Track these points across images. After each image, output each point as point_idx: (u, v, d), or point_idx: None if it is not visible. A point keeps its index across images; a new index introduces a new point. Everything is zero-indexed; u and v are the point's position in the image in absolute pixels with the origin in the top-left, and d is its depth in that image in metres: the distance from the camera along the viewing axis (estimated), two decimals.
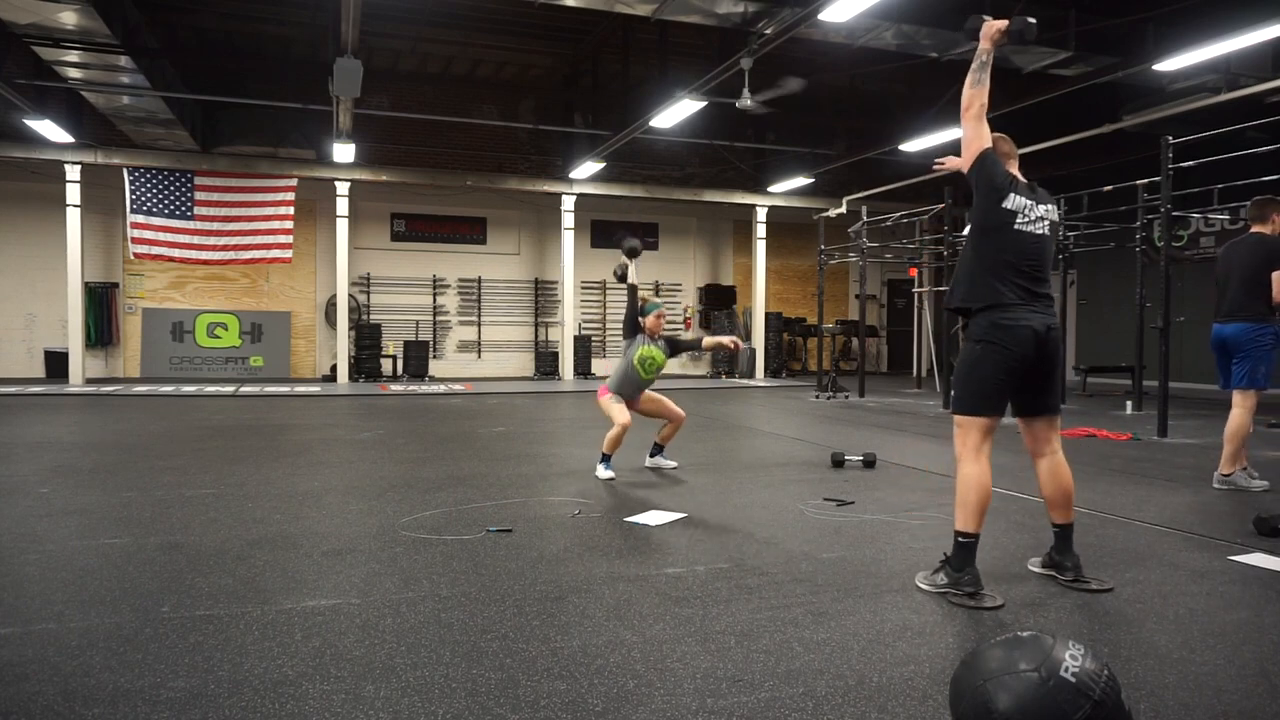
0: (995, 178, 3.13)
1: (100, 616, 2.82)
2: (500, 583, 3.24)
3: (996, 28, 3.16)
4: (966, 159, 3.21)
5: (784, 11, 8.32)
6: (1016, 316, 3.09)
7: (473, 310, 16.13)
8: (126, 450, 6.57)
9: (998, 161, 3.17)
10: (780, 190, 15.91)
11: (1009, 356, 3.09)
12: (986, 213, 3.15)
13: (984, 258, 3.16)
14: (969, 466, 3.12)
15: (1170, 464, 6.23)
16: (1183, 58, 8.42)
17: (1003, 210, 3.11)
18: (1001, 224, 3.11)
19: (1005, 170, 3.17)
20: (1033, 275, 3.13)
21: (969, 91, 3.17)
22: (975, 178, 3.18)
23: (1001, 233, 3.12)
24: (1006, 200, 3.11)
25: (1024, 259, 3.12)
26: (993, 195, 3.12)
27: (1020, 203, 3.12)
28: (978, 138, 3.17)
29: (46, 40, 9.22)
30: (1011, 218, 3.11)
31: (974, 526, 3.07)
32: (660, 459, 5.85)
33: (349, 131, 11.49)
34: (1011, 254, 3.12)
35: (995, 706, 1.77)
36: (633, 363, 5.49)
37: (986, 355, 3.12)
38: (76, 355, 12.81)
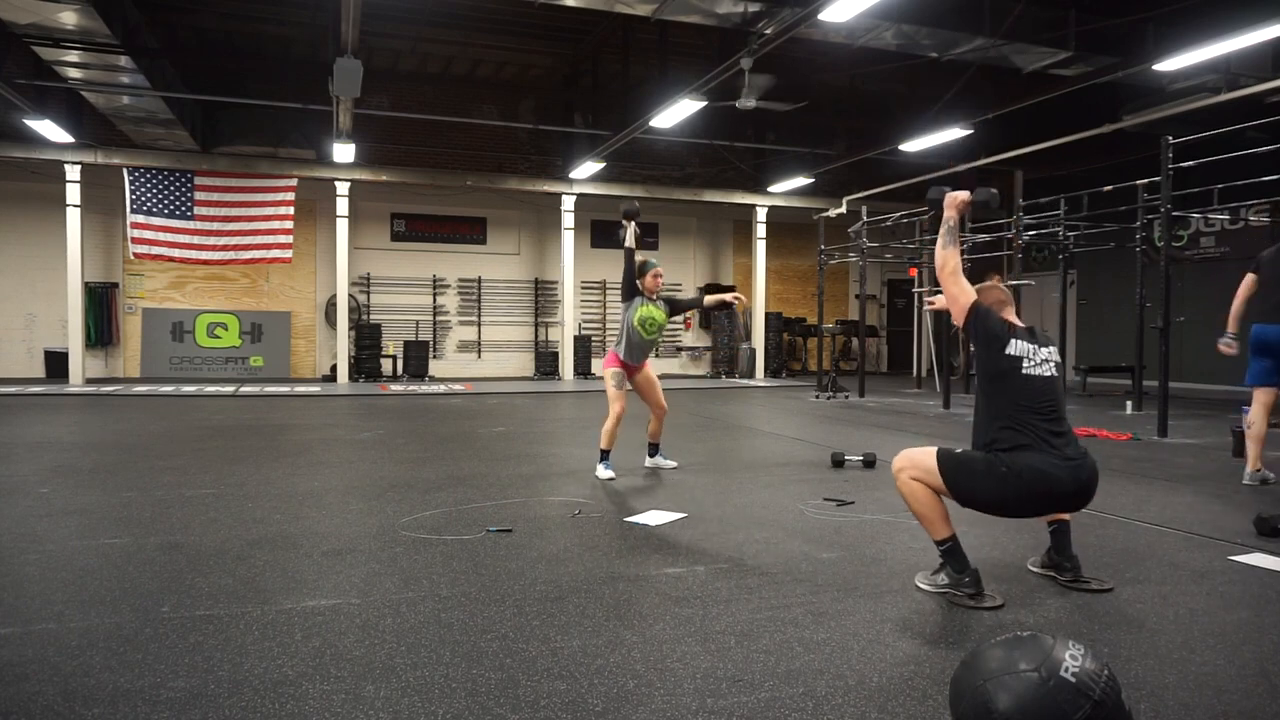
0: (992, 327, 3.12)
1: (100, 616, 2.82)
2: (500, 583, 3.24)
3: (961, 199, 3.28)
4: (958, 316, 3.22)
5: (784, 11, 8.31)
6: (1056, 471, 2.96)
7: (473, 310, 16.12)
8: (126, 450, 6.57)
9: (990, 311, 3.16)
10: (780, 190, 15.91)
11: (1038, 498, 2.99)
12: (991, 361, 3.12)
13: (998, 405, 3.09)
14: (905, 485, 3.13)
15: (1170, 464, 6.23)
16: (1183, 58, 8.41)
17: (1007, 357, 3.08)
18: (1009, 370, 3.07)
19: (1000, 318, 3.15)
20: (1050, 417, 3.05)
21: (941, 254, 3.23)
22: (972, 330, 3.17)
23: (1011, 378, 3.07)
24: (1009, 347, 3.08)
25: (1038, 402, 3.05)
26: (994, 345, 3.10)
27: (1023, 348, 3.08)
28: (962, 293, 3.19)
29: (46, 40, 9.22)
30: (1018, 363, 3.07)
31: (945, 531, 3.08)
32: (660, 459, 5.85)
33: (349, 131, 11.49)
34: (1025, 398, 3.05)
35: (995, 706, 1.77)
36: (633, 323, 5.50)
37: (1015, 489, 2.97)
38: (76, 355, 12.81)
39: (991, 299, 3.22)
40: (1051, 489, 2.95)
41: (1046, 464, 2.95)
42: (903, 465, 3.17)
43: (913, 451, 3.20)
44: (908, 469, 3.14)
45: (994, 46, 9.29)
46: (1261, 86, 9.13)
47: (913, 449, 3.22)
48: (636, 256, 5.57)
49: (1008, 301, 3.25)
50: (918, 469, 3.12)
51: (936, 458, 3.09)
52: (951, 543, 3.08)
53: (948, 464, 3.07)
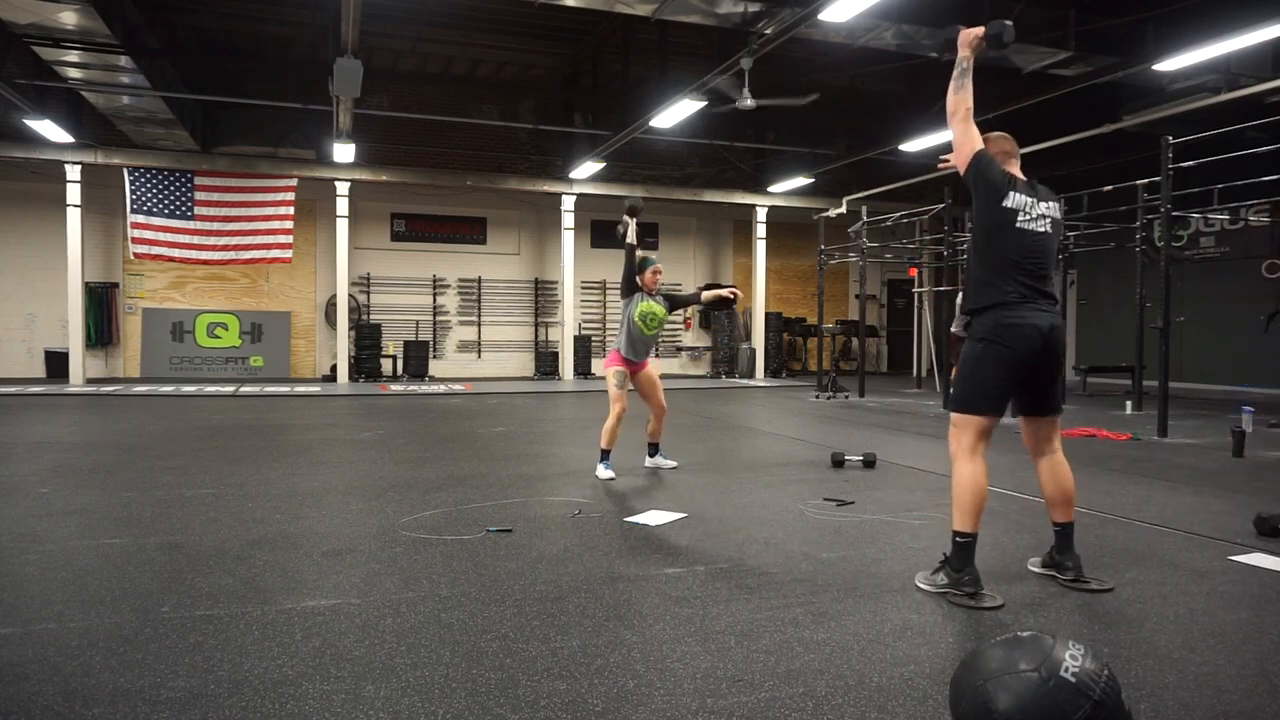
0: (992, 177, 3.13)
1: (100, 616, 2.82)
2: (500, 583, 3.24)
3: (974, 34, 3.21)
4: (960, 162, 3.21)
5: (784, 11, 8.31)
6: (1021, 315, 3.09)
7: (473, 310, 16.12)
8: (126, 450, 6.57)
9: (993, 161, 3.16)
10: (780, 190, 15.91)
11: (1012, 355, 3.09)
12: (986, 213, 3.14)
13: (986, 258, 3.16)
14: (964, 465, 3.12)
15: (1170, 464, 6.23)
16: (1183, 58, 8.42)
17: (1003, 209, 3.10)
18: (1003, 223, 3.11)
19: (1002, 169, 3.16)
20: (1036, 273, 3.12)
21: (953, 97, 3.20)
22: (972, 179, 3.17)
23: (1003, 232, 3.11)
24: (1006, 199, 3.10)
25: (1027, 257, 3.11)
26: (992, 195, 3.12)
27: (1020, 200, 3.11)
28: (968, 140, 3.18)
29: (46, 40, 9.22)
30: (1013, 216, 3.10)
31: (971, 526, 3.07)
32: (660, 459, 5.85)
33: (349, 131, 11.49)
34: (1013, 253, 3.11)
35: (995, 706, 1.77)
36: (634, 319, 5.52)
37: (989, 354, 3.12)
38: (76, 355, 12.81)
39: (997, 149, 3.22)
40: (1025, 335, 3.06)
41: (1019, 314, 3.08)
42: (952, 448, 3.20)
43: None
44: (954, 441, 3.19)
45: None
46: (1261, 86, 9.13)
47: None
48: (636, 253, 5.60)
49: (1013, 154, 3.27)
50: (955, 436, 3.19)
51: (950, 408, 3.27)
52: (969, 540, 3.07)
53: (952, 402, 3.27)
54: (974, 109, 3.23)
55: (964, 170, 3.19)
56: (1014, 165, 3.24)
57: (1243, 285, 12.73)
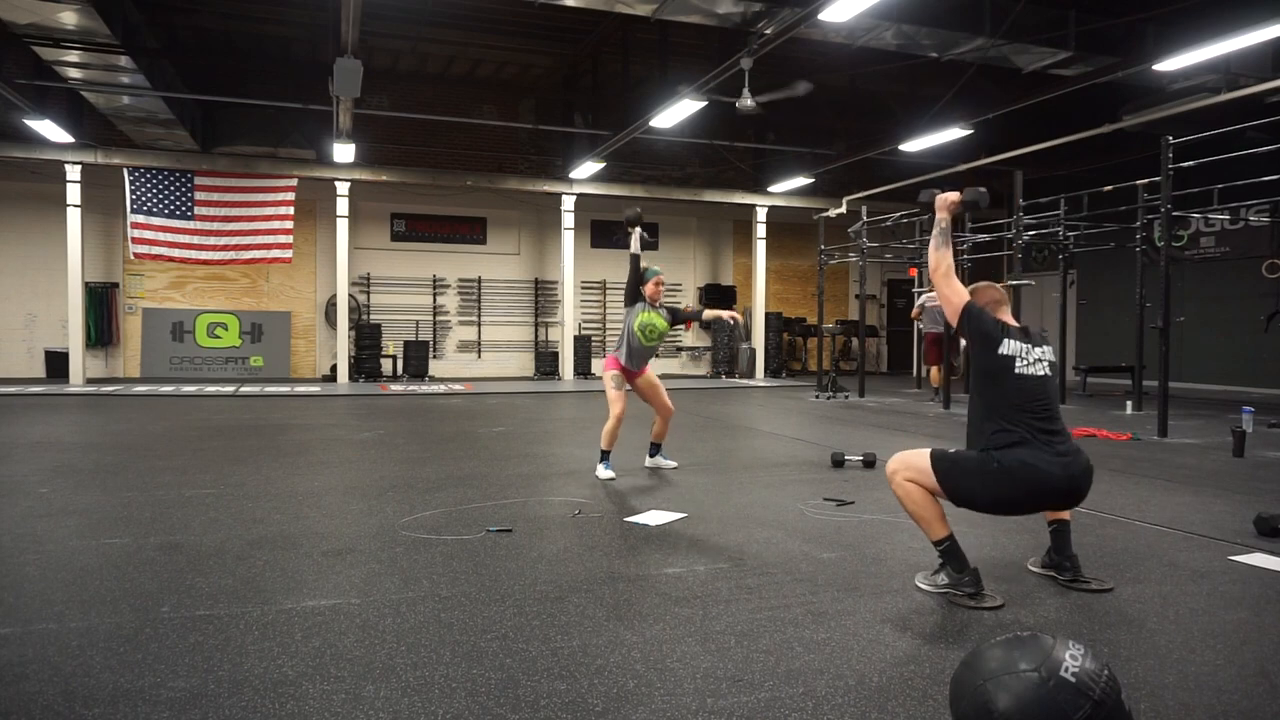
0: (985, 327, 3.14)
1: (100, 616, 2.82)
2: (500, 583, 3.24)
3: (951, 199, 3.33)
4: (951, 316, 3.23)
5: (784, 11, 8.31)
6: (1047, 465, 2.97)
7: (473, 310, 16.12)
8: (126, 450, 6.57)
9: (983, 311, 3.17)
10: (780, 190, 15.90)
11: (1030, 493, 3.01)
12: (985, 359, 3.14)
13: (992, 404, 3.11)
14: (902, 487, 3.14)
15: (1170, 464, 6.23)
16: (1183, 58, 8.41)
17: (1000, 356, 3.09)
18: (1002, 369, 3.09)
19: (994, 318, 3.16)
20: (1044, 415, 3.06)
21: (934, 254, 3.27)
22: (965, 330, 3.19)
23: (1004, 378, 3.09)
24: (1002, 347, 3.10)
25: (1031, 402, 3.06)
26: (987, 343, 3.12)
27: (1016, 347, 3.10)
28: (954, 294, 3.21)
29: (46, 40, 9.22)
30: (1010, 363, 3.08)
31: (942, 532, 3.09)
32: (660, 459, 5.85)
33: (349, 131, 11.48)
34: (1018, 398, 3.06)
35: (995, 706, 1.77)
36: (634, 329, 5.52)
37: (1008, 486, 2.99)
38: (76, 355, 12.80)
39: (986, 299, 3.23)
40: (1043, 484, 2.97)
41: (1038, 459, 2.97)
42: (896, 468, 3.18)
43: (906, 454, 3.21)
44: (901, 470, 3.16)
45: (994, 46, 9.28)
46: (1261, 86, 9.13)
47: (906, 451, 3.23)
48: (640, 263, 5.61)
49: (1003, 301, 3.26)
50: (911, 470, 3.13)
51: (930, 459, 3.11)
52: (949, 543, 3.09)
53: (941, 464, 3.09)
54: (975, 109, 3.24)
55: (956, 323, 3.22)
56: (1005, 313, 3.22)
57: (1243, 285, 12.73)
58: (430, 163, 15.11)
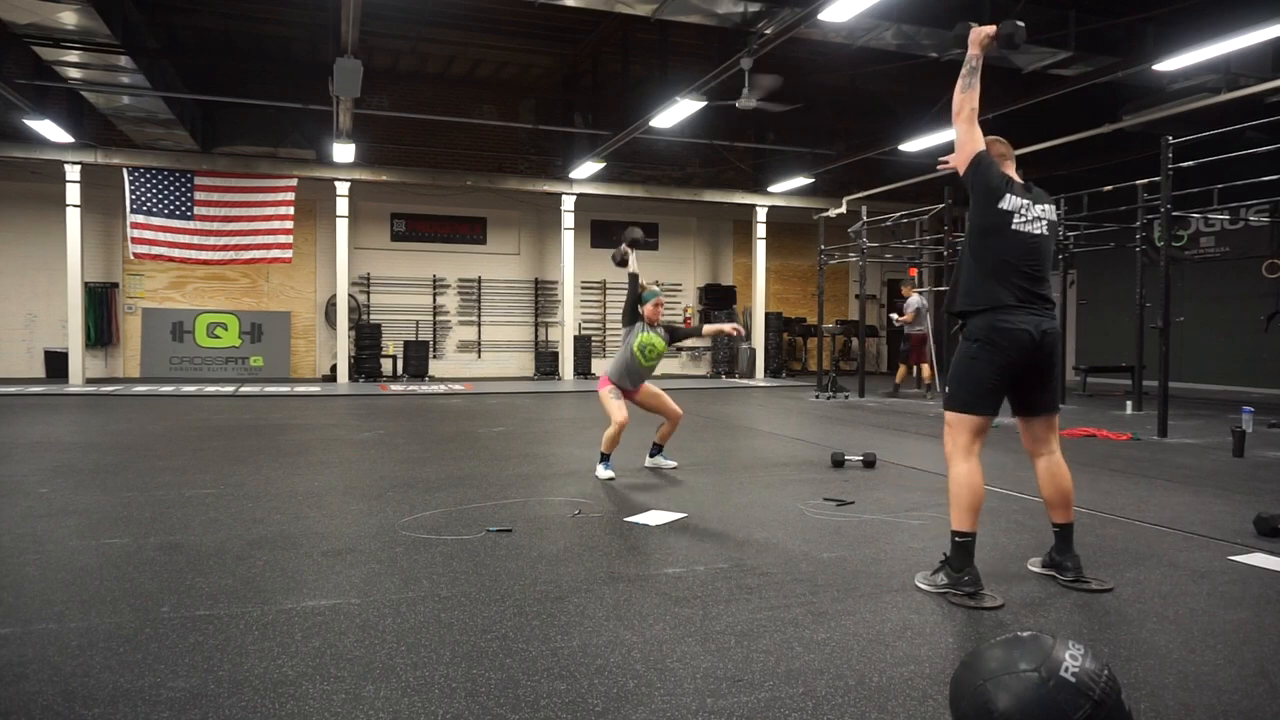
0: (990, 179, 3.14)
1: (100, 616, 2.82)
2: (500, 583, 3.24)
3: (985, 33, 3.20)
4: (961, 162, 3.21)
5: (784, 11, 8.32)
6: (1014, 320, 3.10)
7: (473, 310, 16.12)
8: (126, 450, 6.57)
9: (993, 163, 3.17)
10: (780, 190, 15.91)
11: (1004, 357, 3.10)
12: (983, 214, 3.15)
13: (982, 260, 3.16)
14: (960, 465, 3.14)
15: (1170, 464, 6.23)
16: (1183, 58, 8.41)
17: (999, 211, 3.11)
18: (999, 224, 3.11)
19: (1001, 171, 3.18)
20: (1032, 275, 3.13)
21: (959, 96, 3.19)
22: (970, 180, 3.19)
23: (999, 233, 3.12)
24: (1003, 201, 3.11)
25: (1023, 259, 3.12)
26: (989, 196, 3.13)
27: (1017, 203, 3.12)
28: (970, 140, 3.18)
29: (46, 40, 9.22)
30: (1008, 218, 3.11)
31: (969, 525, 3.08)
32: (660, 459, 5.85)
33: (349, 131, 11.49)
34: (1010, 254, 3.12)
35: (995, 706, 1.77)
36: (633, 350, 5.51)
37: (982, 355, 3.14)
38: (76, 355, 12.80)
39: (994, 152, 3.24)
40: (1016, 339, 3.08)
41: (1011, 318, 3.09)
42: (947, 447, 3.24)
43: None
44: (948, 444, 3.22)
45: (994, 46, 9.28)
46: (1261, 86, 9.13)
47: None
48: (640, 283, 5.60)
49: (1009, 156, 3.29)
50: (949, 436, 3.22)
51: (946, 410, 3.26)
52: (968, 539, 3.08)
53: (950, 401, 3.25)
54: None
55: (963, 170, 3.20)
56: (1010, 167, 3.26)
57: (1243, 285, 12.74)
58: (430, 163, 15.12)
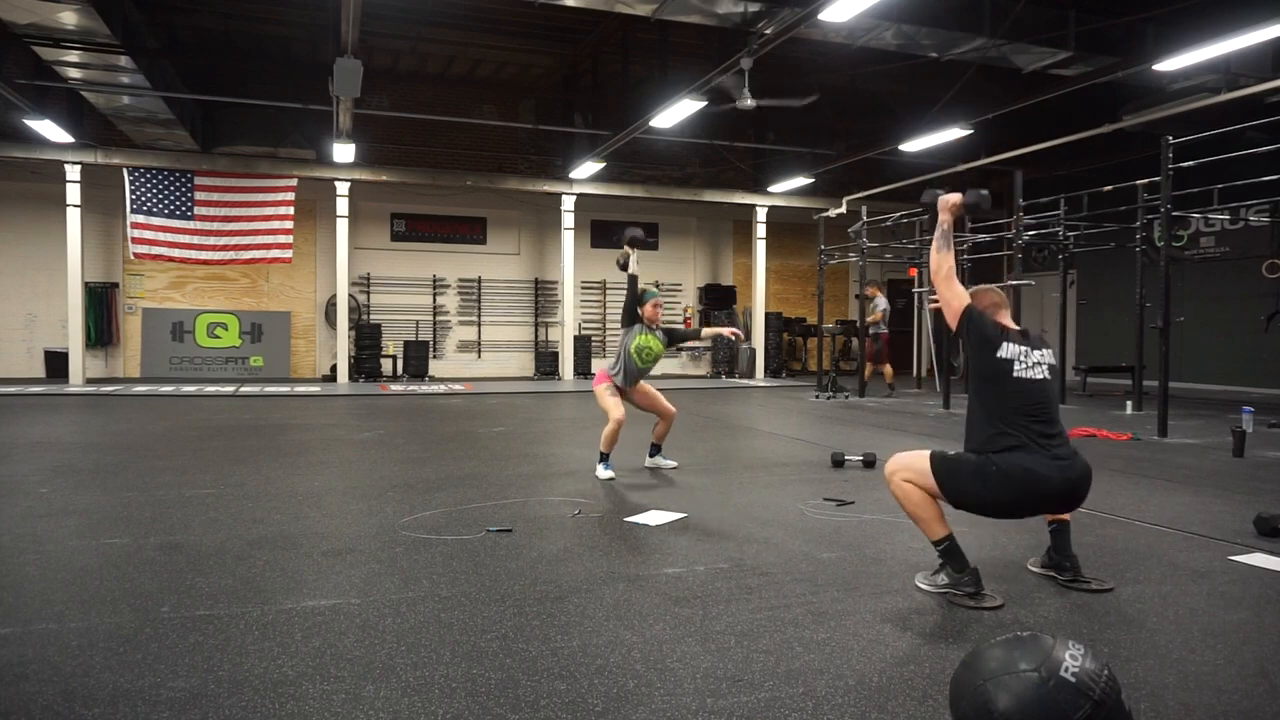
0: (985, 330, 3.14)
1: (100, 616, 2.82)
2: (500, 583, 3.24)
3: (953, 201, 3.32)
4: (951, 319, 3.24)
5: (784, 11, 8.31)
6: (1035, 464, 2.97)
7: (473, 310, 16.12)
8: (126, 450, 6.57)
9: (983, 315, 3.18)
10: (780, 190, 15.90)
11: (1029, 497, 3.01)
12: (983, 363, 3.14)
13: (990, 407, 3.11)
14: (900, 487, 3.14)
15: (1170, 464, 6.23)
16: (1183, 58, 8.41)
17: (999, 359, 3.09)
18: (1000, 372, 3.09)
19: (994, 321, 3.17)
20: (1042, 418, 3.06)
21: (936, 257, 3.27)
22: (965, 335, 3.20)
23: (1002, 381, 3.09)
24: (1001, 350, 3.10)
25: (1030, 403, 3.06)
26: (986, 347, 3.12)
27: (1015, 350, 3.10)
28: (955, 297, 3.22)
29: (46, 40, 9.22)
30: (1009, 366, 3.08)
31: (941, 531, 3.10)
32: (659, 459, 5.85)
33: (349, 131, 11.48)
34: (1016, 401, 3.06)
35: (995, 706, 1.77)
36: (630, 351, 5.52)
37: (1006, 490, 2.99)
38: (76, 355, 12.80)
39: (986, 302, 3.24)
40: (1041, 488, 2.97)
41: (1036, 463, 2.97)
42: (895, 468, 3.19)
43: (905, 455, 3.21)
44: (900, 471, 3.16)
45: (994, 46, 9.28)
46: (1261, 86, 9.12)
47: (905, 452, 3.24)
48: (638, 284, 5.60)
49: (1002, 304, 3.27)
50: (910, 471, 3.14)
51: (929, 460, 3.11)
52: (948, 542, 3.09)
53: (940, 467, 3.09)
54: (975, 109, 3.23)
55: (955, 327, 3.22)
56: (1004, 316, 3.23)
57: (1243, 285, 12.73)
58: (430, 163, 15.11)
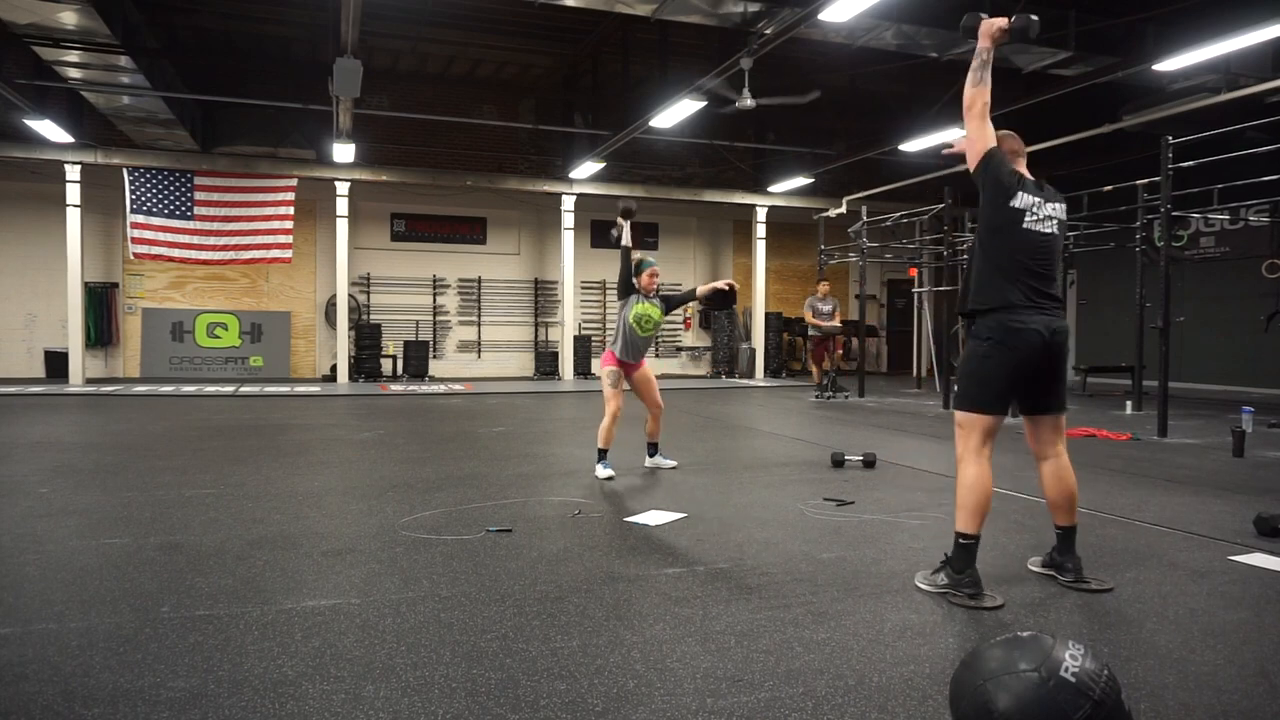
0: (1002, 176, 3.10)
1: (100, 616, 2.82)
2: (500, 583, 3.24)
3: (997, 25, 3.09)
4: (972, 158, 3.16)
5: (784, 11, 8.31)
6: (1024, 319, 3.07)
7: (473, 310, 16.12)
8: (126, 450, 6.57)
9: (1004, 159, 3.13)
10: (780, 190, 15.90)
11: (1015, 357, 3.08)
12: (994, 211, 3.11)
13: (993, 258, 3.13)
14: (971, 467, 3.11)
15: (1170, 464, 6.23)
16: (1183, 58, 8.41)
17: (1010, 209, 3.07)
18: (1009, 222, 3.08)
19: (1012, 168, 3.14)
20: (1042, 274, 3.11)
21: (970, 90, 3.12)
22: (982, 177, 3.14)
23: (1010, 231, 3.09)
24: (1014, 199, 3.07)
25: (1033, 258, 3.09)
26: (1000, 194, 3.09)
27: (1028, 200, 3.08)
28: (981, 137, 3.13)
29: (46, 40, 9.22)
30: (1020, 216, 3.07)
31: (974, 528, 3.07)
32: (659, 459, 5.85)
33: (349, 131, 11.48)
34: (1021, 253, 3.08)
35: (995, 706, 1.77)
36: (630, 322, 5.55)
37: (993, 354, 3.11)
38: (76, 355, 12.80)
39: (1006, 148, 3.19)
40: (1027, 340, 3.06)
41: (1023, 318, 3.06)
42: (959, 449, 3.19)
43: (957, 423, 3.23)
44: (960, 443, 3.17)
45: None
46: (1261, 86, 9.13)
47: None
48: (633, 255, 5.63)
49: (1020, 152, 3.24)
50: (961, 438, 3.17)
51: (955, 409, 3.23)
52: (972, 541, 3.07)
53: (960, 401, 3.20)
54: None
55: (974, 167, 3.15)
56: (1021, 164, 3.21)
57: (1243, 285, 12.73)
58: (430, 163, 15.11)
